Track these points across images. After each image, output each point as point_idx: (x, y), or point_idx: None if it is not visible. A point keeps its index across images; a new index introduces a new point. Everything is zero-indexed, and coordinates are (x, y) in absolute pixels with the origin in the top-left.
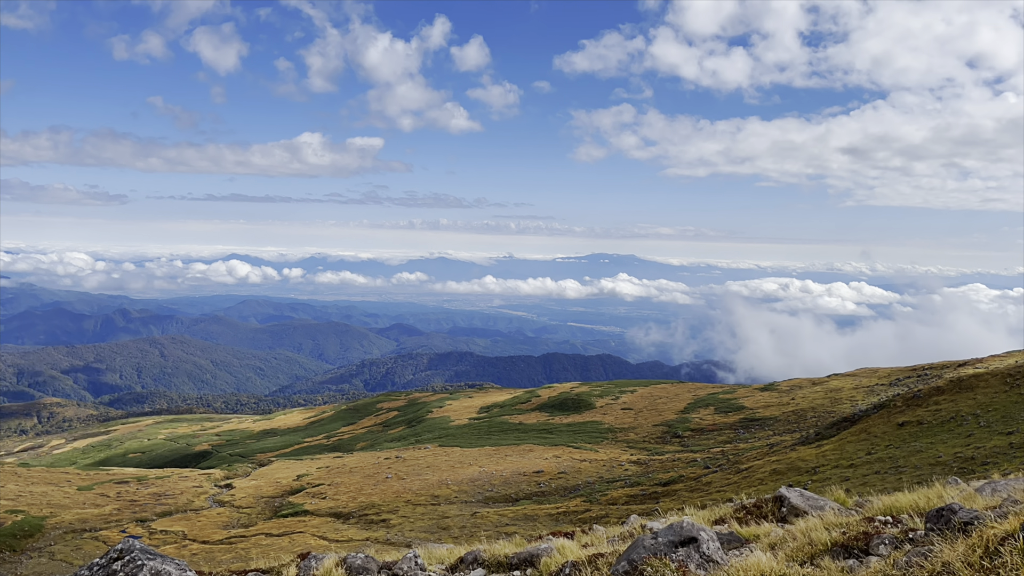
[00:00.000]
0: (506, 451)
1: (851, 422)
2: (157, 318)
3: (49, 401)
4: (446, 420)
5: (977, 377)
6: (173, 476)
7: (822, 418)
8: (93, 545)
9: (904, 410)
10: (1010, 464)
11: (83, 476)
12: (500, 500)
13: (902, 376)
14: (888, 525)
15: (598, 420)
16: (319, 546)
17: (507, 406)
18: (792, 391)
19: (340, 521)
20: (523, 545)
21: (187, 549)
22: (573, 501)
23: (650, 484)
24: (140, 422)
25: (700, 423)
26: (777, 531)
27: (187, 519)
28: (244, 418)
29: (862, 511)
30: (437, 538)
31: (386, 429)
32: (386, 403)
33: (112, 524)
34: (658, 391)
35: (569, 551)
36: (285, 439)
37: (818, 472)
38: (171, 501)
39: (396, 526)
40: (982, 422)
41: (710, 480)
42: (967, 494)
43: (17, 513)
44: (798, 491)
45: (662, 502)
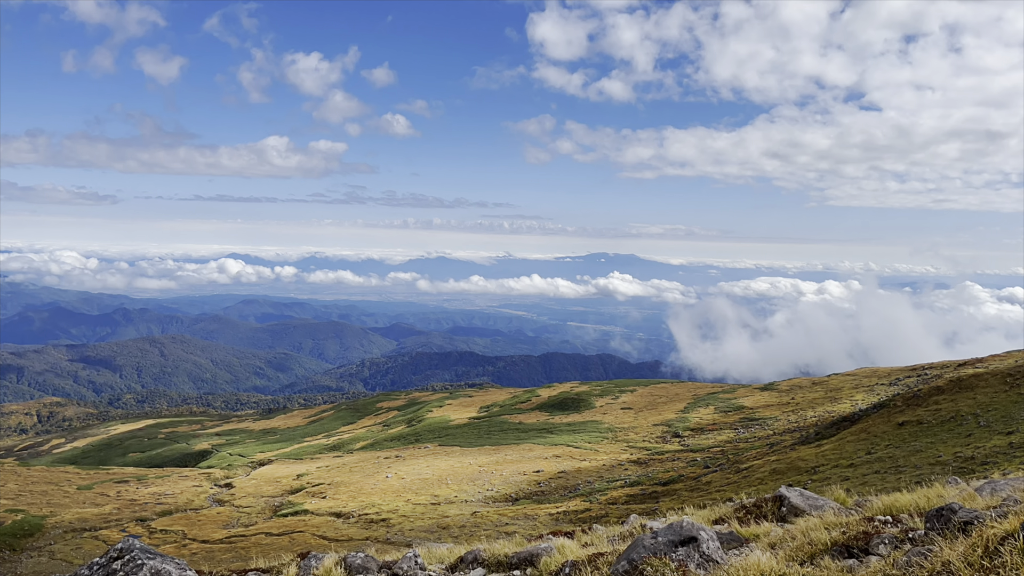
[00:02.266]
0: (506, 451)
1: (851, 421)
2: (157, 317)
3: (49, 400)
4: (446, 419)
5: (977, 377)
6: (173, 475)
7: (822, 418)
8: (93, 544)
9: (904, 410)
10: (1010, 464)
11: (83, 475)
12: (500, 500)
13: (902, 376)
14: (888, 525)
15: (598, 420)
16: (319, 545)
17: (507, 405)
18: (792, 391)
19: (340, 520)
20: (523, 544)
21: (187, 548)
22: (573, 501)
23: (650, 484)
24: (140, 421)
25: (700, 423)
26: (777, 531)
27: (187, 518)
28: (244, 417)
29: (862, 511)
30: (437, 537)
31: (386, 429)
32: (386, 403)
33: (112, 523)
34: (658, 391)
35: (569, 550)
36: (285, 438)
37: (818, 472)
38: (171, 500)
39: (396, 525)
40: (982, 422)
41: (710, 480)
42: (967, 494)
43: (17, 512)
44: (798, 491)
45: (662, 502)
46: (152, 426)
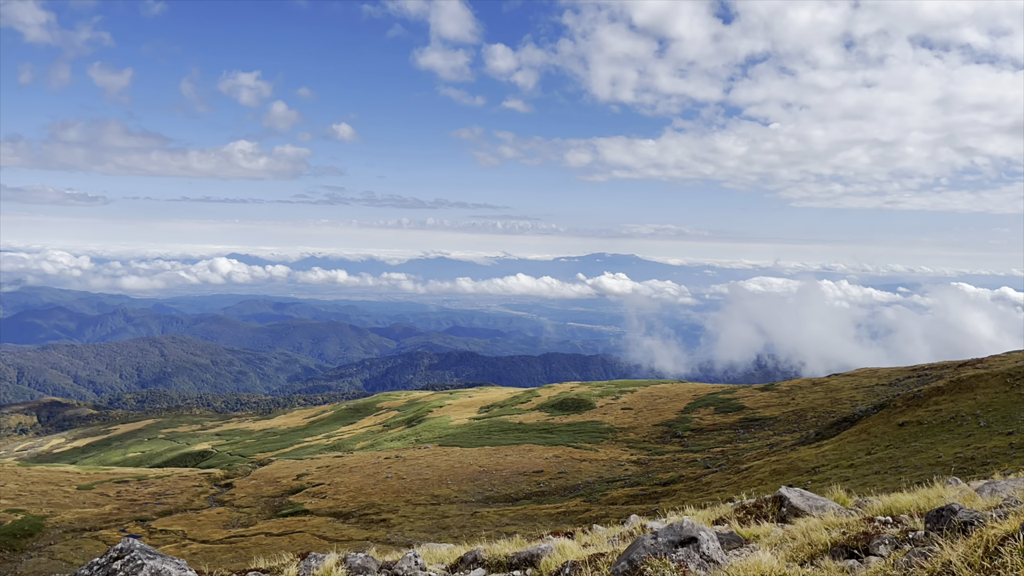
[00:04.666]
0: (506, 451)
1: (851, 422)
2: (157, 317)
3: (49, 400)
4: (446, 420)
5: (977, 377)
6: (173, 475)
7: (822, 418)
8: (93, 544)
9: (904, 410)
10: (1010, 464)
11: (83, 475)
12: (500, 500)
13: (902, 376)
14: (888, 525)
15: (598, 420)
16: (319, 545)
17: (507, 406)
18: (792, 391)
19: (340, 521)
20: (523, 545)
21: (187, 548)
22: (573, 501)
23: (650, 484)
24: (140, 421)
25: (700, 423)
26: (777, 531)
27: (187, 518)
28: (244, 417)
29: (862, 511)
30: (437, 538)
31: (386, 429)
32: (386, 403)
33: (112, 523)
34: (658, 391)
35: (569, 551)
36: (285, 438)
37: (818, 472)
38: (171, 500)
39: (396, 526)
40: (982, 422)
41: (710, 480)
42: (967, 494)
43: (17, 512)
44: (798, 491)
45: (662, 502)
46: (152, 426)
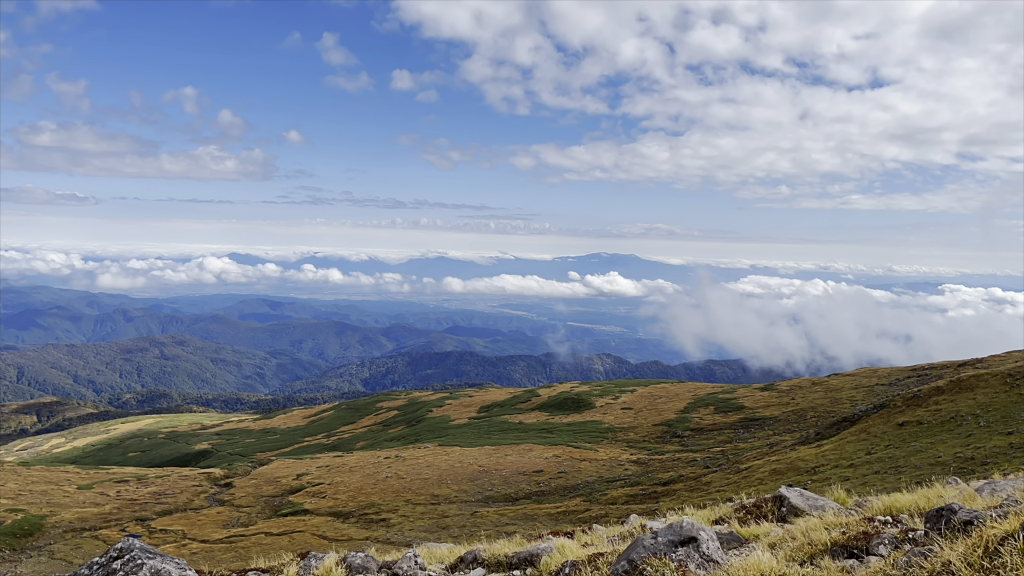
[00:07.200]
0: (506, 450)
1: (851, 422)
2: (157, 317)
3: (49, 400)
4: (446, 420)
5: (977, 377)
6: (173, 475)
7: (822, 418)
8: (93, 544)
9: (904, 410)
10: (1010, 464)
11: (83, 475)
12: (500, 499)
13: (902, 376)
14: (888, 525)
15: (598, 420)
16: (319, 545)
17: (507, 405)
18: (792, 391)
19: (340, 520)
20: (523, 544)
21: (187, 548)
22: (573, 501)
23: (650, 484)
24: (140, 421)
25: (700, 423)
26: (777, 531)
27: (187, 518)
28: (244, 417)
29: (862, 511)
30: (437, 537)
31: (386, 428)
32: (386, 402)
33: (112, 523)
34: (658, 391)
35: (569, 550)
36: (285, 438)
37: (818, 472)
38: (171, 500)
39: (396, 525)
40: (982, 422)
41: (710, 480)
42: (967, 494)
43: (17, 512)
44: (798, 491)
45: (662, 502)
46: (152, 426)
